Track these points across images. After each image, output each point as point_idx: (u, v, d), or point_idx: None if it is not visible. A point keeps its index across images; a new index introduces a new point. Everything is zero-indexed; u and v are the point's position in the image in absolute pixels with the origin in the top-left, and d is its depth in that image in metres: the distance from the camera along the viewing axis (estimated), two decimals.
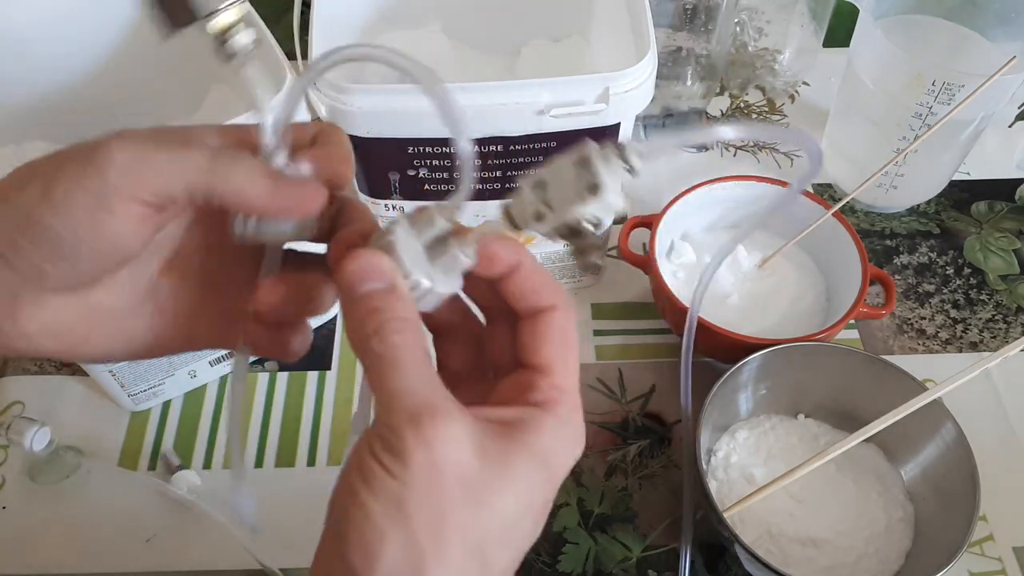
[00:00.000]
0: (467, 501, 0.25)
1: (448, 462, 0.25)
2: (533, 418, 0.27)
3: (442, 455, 0.25)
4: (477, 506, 0.25)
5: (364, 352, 0.27)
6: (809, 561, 0.50)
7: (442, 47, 0.64)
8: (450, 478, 0.25)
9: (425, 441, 0.24)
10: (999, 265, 0.70)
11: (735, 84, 0.82)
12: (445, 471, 0.25)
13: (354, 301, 0.28)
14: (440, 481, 0.25)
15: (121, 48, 0.59)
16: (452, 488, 0.25)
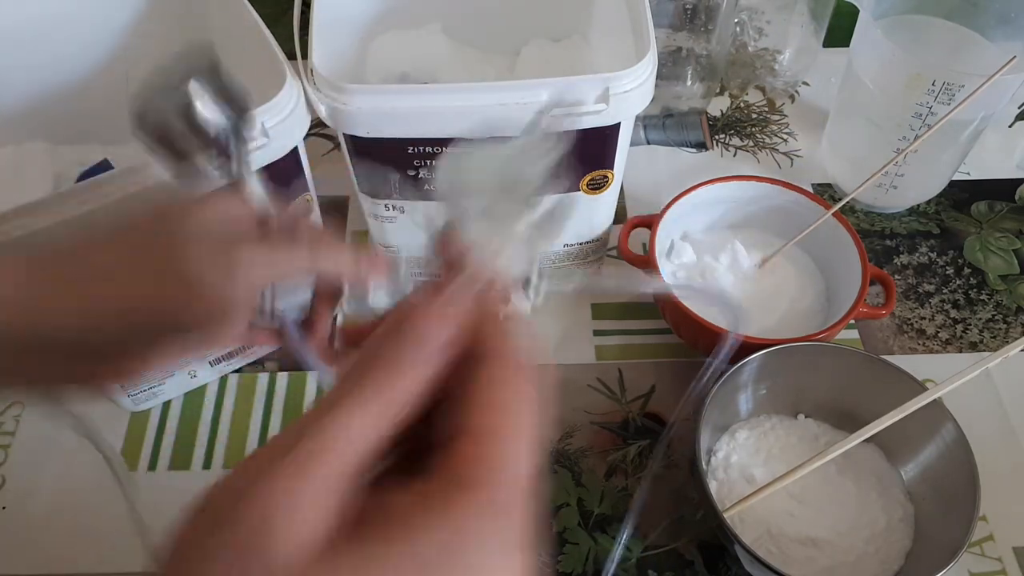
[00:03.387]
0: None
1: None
2: (435, 494, 0.20)
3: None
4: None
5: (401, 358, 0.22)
6: (809, 561, 0.50)
7: (442, 47, 0.64)
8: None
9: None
10: (999, 265, 0.70)
11: (735, 84, 0.82)
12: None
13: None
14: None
15: (121, 48, 0.59)
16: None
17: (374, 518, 0.20)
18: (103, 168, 0.59)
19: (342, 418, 0.21)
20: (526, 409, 0.22)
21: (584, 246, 0.63)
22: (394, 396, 0.22)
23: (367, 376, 0.22)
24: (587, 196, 0.56)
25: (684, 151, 0.78)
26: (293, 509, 0.19)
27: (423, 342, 0.23)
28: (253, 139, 0.39)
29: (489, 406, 0.22)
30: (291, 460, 0.20)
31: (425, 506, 0.20)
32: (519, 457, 0.22)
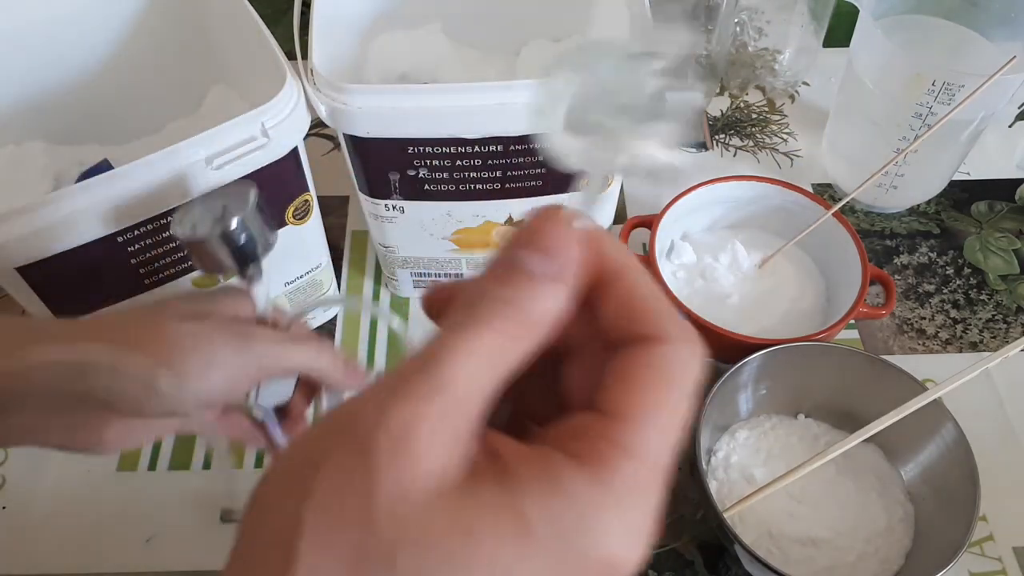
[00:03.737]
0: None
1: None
2: (546, 467, 0.19)
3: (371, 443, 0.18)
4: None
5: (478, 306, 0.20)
6: (809, 561, 0.50)
7: (442, 47, 0.64)
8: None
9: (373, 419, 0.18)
10: (999, 265, 0.70)
11: (735, 84, 0.82)
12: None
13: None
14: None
15: (121, 48, 0.59)
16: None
17: (486, 467, 0.19)
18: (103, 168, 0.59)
19: (472, 344, 0.19)
20: (687, 403, 0.20)
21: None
22: (528, 323, 0.20)
23: (500, 293, 0.20)
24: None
25: (684, 151, 0.78)
26: (428, 438, 0.18)
27: (556, 252, 0.20)
28: (266, 259, 0.45)
29: (637, 387, 0.20)
30: (426, 387, 0.18)
31: (550, 473, 0.18)
32: (666, 448, 0.19)
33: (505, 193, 0.55)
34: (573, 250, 0.20)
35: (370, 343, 0.65)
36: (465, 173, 0.53)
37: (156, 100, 0.62)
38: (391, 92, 0.48)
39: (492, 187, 0.54)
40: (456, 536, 0.17)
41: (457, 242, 0.60)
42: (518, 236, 0.21)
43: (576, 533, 0.18)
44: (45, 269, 0.44)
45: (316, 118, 0.49)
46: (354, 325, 0.66)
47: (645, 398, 0.19)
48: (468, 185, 0.54)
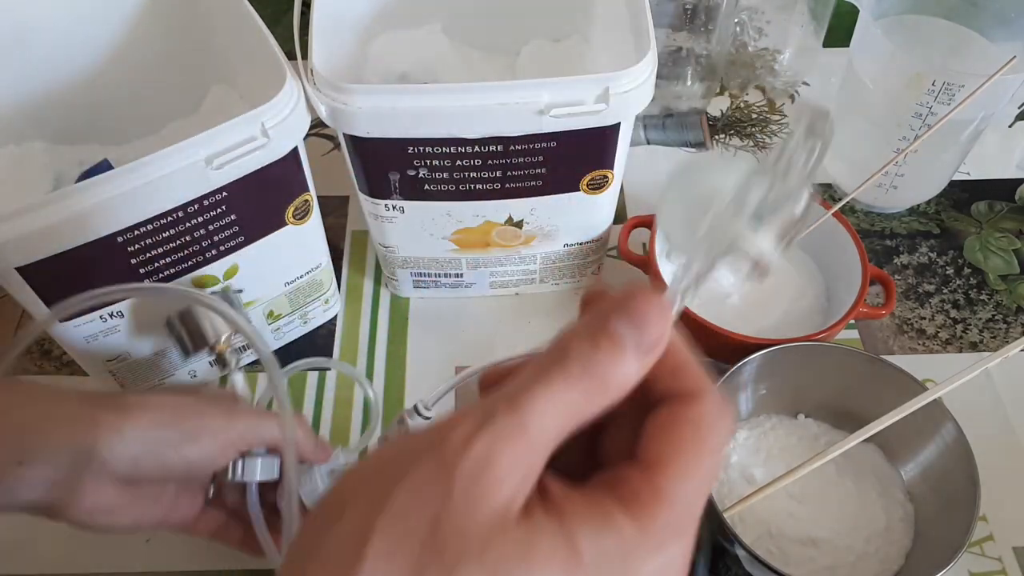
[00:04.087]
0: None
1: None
2: (594, 507, 0.21)
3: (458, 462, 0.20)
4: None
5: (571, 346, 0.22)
6: (809, 561, 0.50)
7: (442, 47, 0.64)
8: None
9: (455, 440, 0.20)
10: (999, 265, 0.70)
11: (735, 84, 0.82)
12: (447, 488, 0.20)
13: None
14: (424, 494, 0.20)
15: (121, 48, 0.59)
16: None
17: (537, 502, 0.21)
18: (103, 168, 0.59)
19: (555, 395, 0.21)
20: (719, 457, 0.23)
21: (584, 246, 0.63)
22: (606, 387, 0.22)
23: (590, 353, 0.22)
24: (587, 196, 0.56)
25: (684, 151, 0.78)
26: (506, 470, 0.20)
27: (645, 335, 0.22)
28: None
29: (674, 439, 0.22)
30: (511, 427, 0.20)
31: (598, 512, 0.21)
32: (700, 498, 0.22)
33: (505, 193, 0.55)
34: (666, 331, 0.22)
35: (370, 343, 0.65)
36: (465, 173, 0.53)
37: (156, 100, 0.62)
38: (391, 92, 0.48)
39: (492, 187, 0.54)
40: (514, 559, 0.19)
41: (457, 242, 0.60)
42: (614, 303, 0.22)
43: (620, 568, 0.20)
44: (45, 269, 0.44)
45: (316, 118, 0.49)
46: (354, 326, 0.66)
47: (684, 451, 0.22)
48: (468, 185, 0.54)
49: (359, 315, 0.67)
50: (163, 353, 0.57)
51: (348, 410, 0.61)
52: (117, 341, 0.53)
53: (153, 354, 0.56)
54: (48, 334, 0.51)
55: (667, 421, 0.22)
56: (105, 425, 0.40)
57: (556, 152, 0.52)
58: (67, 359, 0.63)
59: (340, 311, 0.67)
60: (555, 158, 0.52)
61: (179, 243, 0.49)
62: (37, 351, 0.64)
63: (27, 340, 0.46)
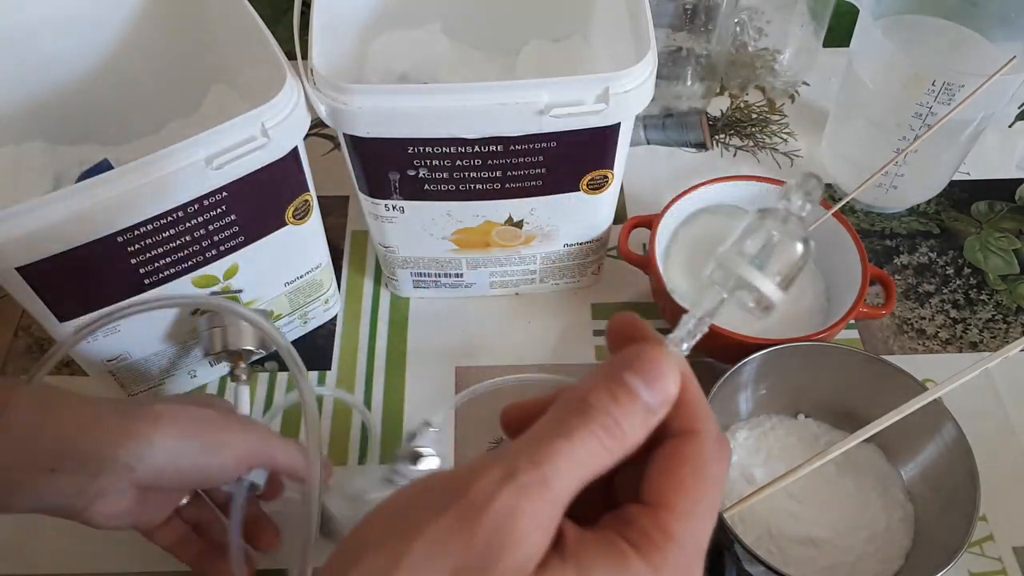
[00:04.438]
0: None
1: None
2: (608, 551, 0.22)
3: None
4: None
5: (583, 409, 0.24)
6: (809, 561, 0.50)
7: (442, 47, 0.64)
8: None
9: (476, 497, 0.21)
10: (999, 265, 0.70)
11: (735, 84, 0.82)
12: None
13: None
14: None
15: (121, 48, 0.59)
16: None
17: (551, 547, 0.22)
18: (103, 168, 0.59)
19: (576, 449, 0.22)
20: (719, 491, 0.24)
21: (584, 246, 0.63)
22: (623, 439, 0.23)
23: (609, 408, 0.23)
24: (587, 196, 0.56)
25: (684, 151, 0.78)
26: (528, 526, 0.21)
27: (659, 390, 0.24)
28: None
29: (676, 477, 0.23)
30: (534, 482, 0.21)
31: (612, 556, 0.22)
32: (706, 534, 0.24)
33: (505, 193, 0.55)
34: (675, 388, 0.24)
35: (370, 343, 0.65)
36: (465, 173, 0.53)
37: (156, 100, 0.62)
38: (391, 92, 0.48)
39: (492, 187, 0.54)
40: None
41: (457, 242, 0.60)
42: (626, 358, 0.24)
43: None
44: (45, 269, 0.44)
45: (316, 118, 0.49)
46: (354, 326, 0.66)
47: (687, 489, 0.23)
48: (468, 185, 0.54)
49: (359, 315, 0.67)
50: (163, 353, 0.57)
51: (347, 411, 0.61)
52: (117, 341, 0.53)
53: (153, 354, 0.56)
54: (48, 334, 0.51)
55: (669, 460, 0.23)
56: (136, 436, 0.40)
57: (556, 152, 0.52)
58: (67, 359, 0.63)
59: (340, 311, 0.67)
60: (555, 158, 0.52)
61: (179, 243, 0.49)
62: (37, 351, 0.64)
63: (61, 352, 0.49)
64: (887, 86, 0.63)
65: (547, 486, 0.21)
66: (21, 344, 0.65)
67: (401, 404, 0.62)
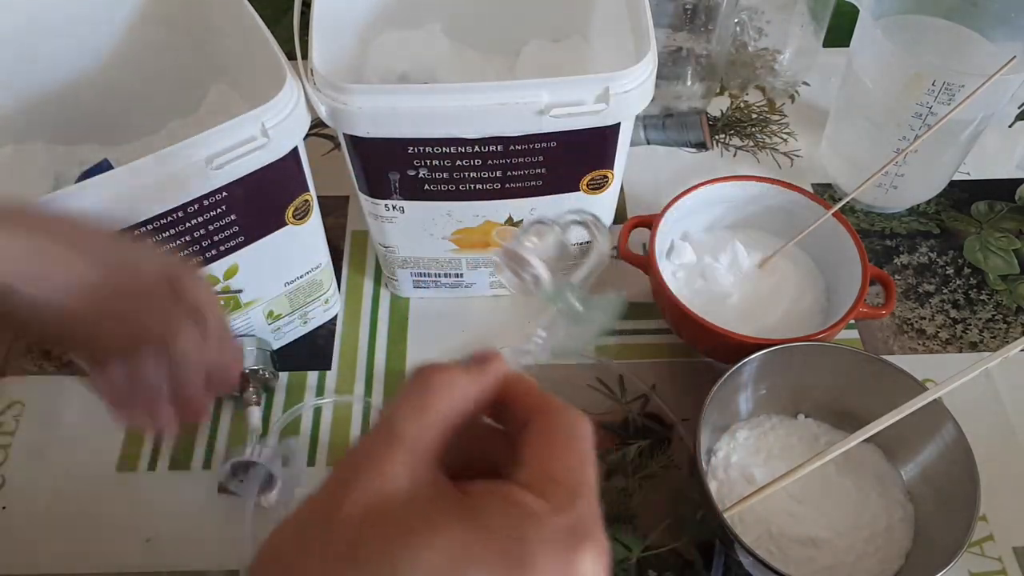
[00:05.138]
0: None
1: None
2: (496, 486, 0.24)
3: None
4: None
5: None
6: (809, 561, 0.50)
7: (442, 47, 0.64)
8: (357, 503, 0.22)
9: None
10: (999, 265, 0.70)
11: (735, 84, 0.82)
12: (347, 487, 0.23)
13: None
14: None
15: (121, 48, 0.59)
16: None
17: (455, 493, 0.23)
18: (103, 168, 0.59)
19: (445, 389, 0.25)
20: (569, 450, 0.25)
21: (584, 246, 0.63)
22: (469, 391, 0.26)
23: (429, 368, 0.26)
24: (587, 196, 0.56)
25: (684, 151, 0.78)
26: (392, 468, 0.23)
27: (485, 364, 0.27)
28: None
29: (534, 445, 0.25)
30: (419, 401, 0.25)
31: (499, 492, 0.23)
32: (582, 467, 0.25)
33: (505, 193, 0.55)
34: (498, 365, 0.27)
35: (370, 343, 0.65)
36: (465, 173, 0.53)
37: (156, 100, 0.62)
38: (391, 92, 0.48)
39: (492, 187, 0.54)
40: (417, 523, 0.22)
41: (457, 242, 0.60)
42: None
43: (533, 529, 0.22)
44: None
45: (316, 118, 0.49)
46: (354, 326, 0.66)
47: (546, 449, 0.25)
48: (468, 185, 0.54)
49: (359, 315, 0.67)
50: None
51: (347, 410, 0.61)
52: None
53: None
54: None
55: (532, 431, 0.25)
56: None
57: (556, 152, 0.52)
58: (67, 359, 0.63)
59: (340, 311, 0.67)
60: (555, 158, 0.52)
61: (179, 243, 0.49)
62: (37, 351, 0.64)
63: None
64: (887, 86, 0.63)
65: (400, 438, 0.24)
66: (21, 344, 0.65)
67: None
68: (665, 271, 0.60)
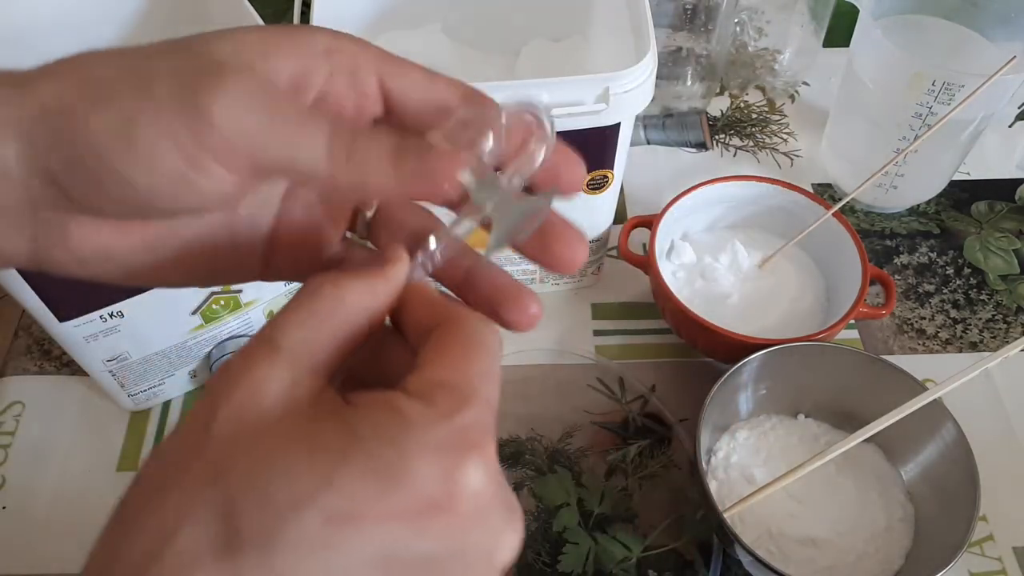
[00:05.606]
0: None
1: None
2: (373, 395, 0.21)
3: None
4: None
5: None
6: (809, 561, 0.50)
7: (442, 47, 0.64)
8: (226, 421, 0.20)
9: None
10: (999, 265, 0.70)
11: (735, 84, 0.82)
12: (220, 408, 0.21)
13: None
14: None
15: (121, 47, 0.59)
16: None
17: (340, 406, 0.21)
18: None
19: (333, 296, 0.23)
20: (483, 355, 0.23)
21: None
22: (354, 306, 0.23)
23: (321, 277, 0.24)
24: (587, 196, 0.56)
25: (684, 151, 0.78)
26: (263, 380, 0.21)
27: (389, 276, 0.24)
28: None
29: (432, 347, 0.23)
30: (305, 311, 0.22)
31: (377, 399, 0.21)
32: (478, 364, 0.23)
33: None
34: (399, 271, 0.25)
35: None
36: None
37: None
38: None
39: None
40: (291, 438, 0.20)
41: None
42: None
43: (395, 435, 0.20)
44: None
45: None
46: None
47: (444, 349, 0.23)
48: None
49: None
50: (163, 353, 0.57)
51: None
52: (117, 341, 0.53)
53: (153, 354, 0.56)
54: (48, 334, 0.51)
55: (432, 338, 0.23)
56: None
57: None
58: (67, 359, 0.63)
59: None
60: None
61: None
62: (37, 351, 0.64)
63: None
64: (887, 86, 0.63)
65: (275, 346, 0.22)
66: (21, 344, 0.65)
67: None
68: (665, 271, 0.60)
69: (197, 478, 0.19)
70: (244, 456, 0.20)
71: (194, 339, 0.57)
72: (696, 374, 0.62)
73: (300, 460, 0.19)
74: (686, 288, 0.62)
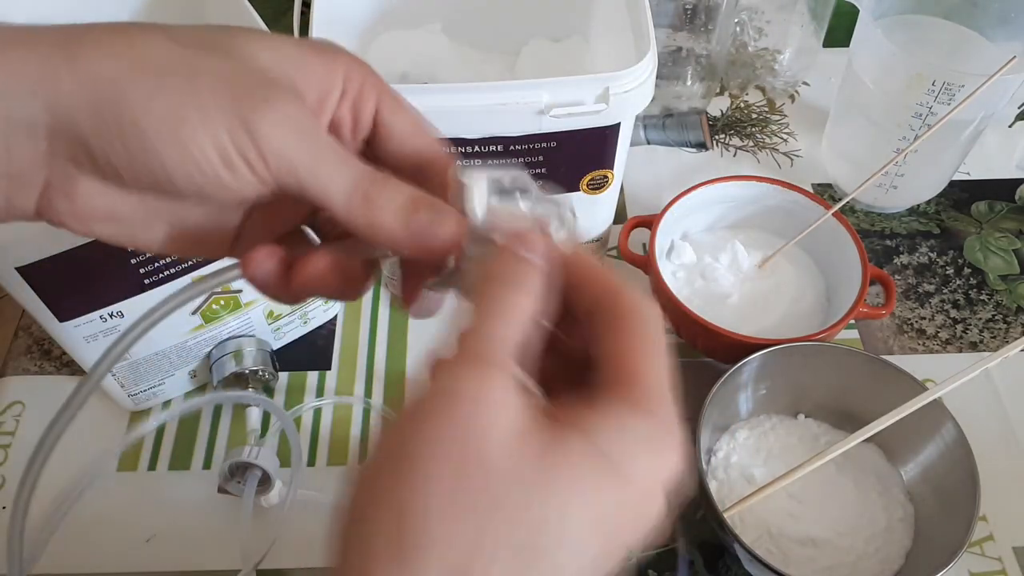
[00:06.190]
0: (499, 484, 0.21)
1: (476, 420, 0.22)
2: (604, 413, 0.23)
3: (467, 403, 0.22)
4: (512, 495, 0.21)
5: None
6: (809, 561, 0.50)
7: (442, 47, 0.64)
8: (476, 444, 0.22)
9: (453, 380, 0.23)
10: (999, 265, 0.70)
11: (735, 84, 0.82)
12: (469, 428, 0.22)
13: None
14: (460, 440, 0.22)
15: None
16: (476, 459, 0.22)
17: (547, 415, 0.23)
18: None
19: (512, 308, 0.24)
20: (661, 331, 0.25)
21: (584, 246, 0.63)
22: (532, 301, 0.25)
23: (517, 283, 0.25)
24: (587, 196, 0.56)
25: (684, 151, 0.78)
26: (499, 391, 0.22)
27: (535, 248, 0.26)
28: None
29: (640, 336, 0.25)
30: (482, 352, 0.23)
31: (611, 416, 0.23)
32: (668, 377, 0.24)
33: None
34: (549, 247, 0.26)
35: (370, 343, 0.65)
36: None
37: None
38: None
39: None
40: (550, 475, 0.22)
41: None
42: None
43: (625, 455, 0.23)
44: (45, 269, 0.44)
45: None
46: (354, 325, 0.66)
47: (640, 344, 0.24)
48: None
49: (359, 315, 0.67)
50: (163, 353, 0.57)
51: (348, 411, 0.61)
52: None
53: (153, 354, 0.56)
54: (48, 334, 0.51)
55: (611, 329, 0.25)
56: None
57: (556, 152, 0.52)
58: (67, 359, 0.63)
59: (340, 311, 0.67)
60: (555, 158, 0.52)
61: None
62: (37, 351, 0.64)
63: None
64: (887, 86, 0.63)
65: (492, 364, 0.23)
66: (21, 344, 0.65)
67: (401, 404, 0.62)
68: (665, 271, 0.60)
69: (484, 507, 0.21)
70: (520, 485, 0.21)
71: (194, 339, 0.57)
72: (696, 374, 0.61)
73: (563, 487, 0.22)
74: (686, 288, 0.62)
